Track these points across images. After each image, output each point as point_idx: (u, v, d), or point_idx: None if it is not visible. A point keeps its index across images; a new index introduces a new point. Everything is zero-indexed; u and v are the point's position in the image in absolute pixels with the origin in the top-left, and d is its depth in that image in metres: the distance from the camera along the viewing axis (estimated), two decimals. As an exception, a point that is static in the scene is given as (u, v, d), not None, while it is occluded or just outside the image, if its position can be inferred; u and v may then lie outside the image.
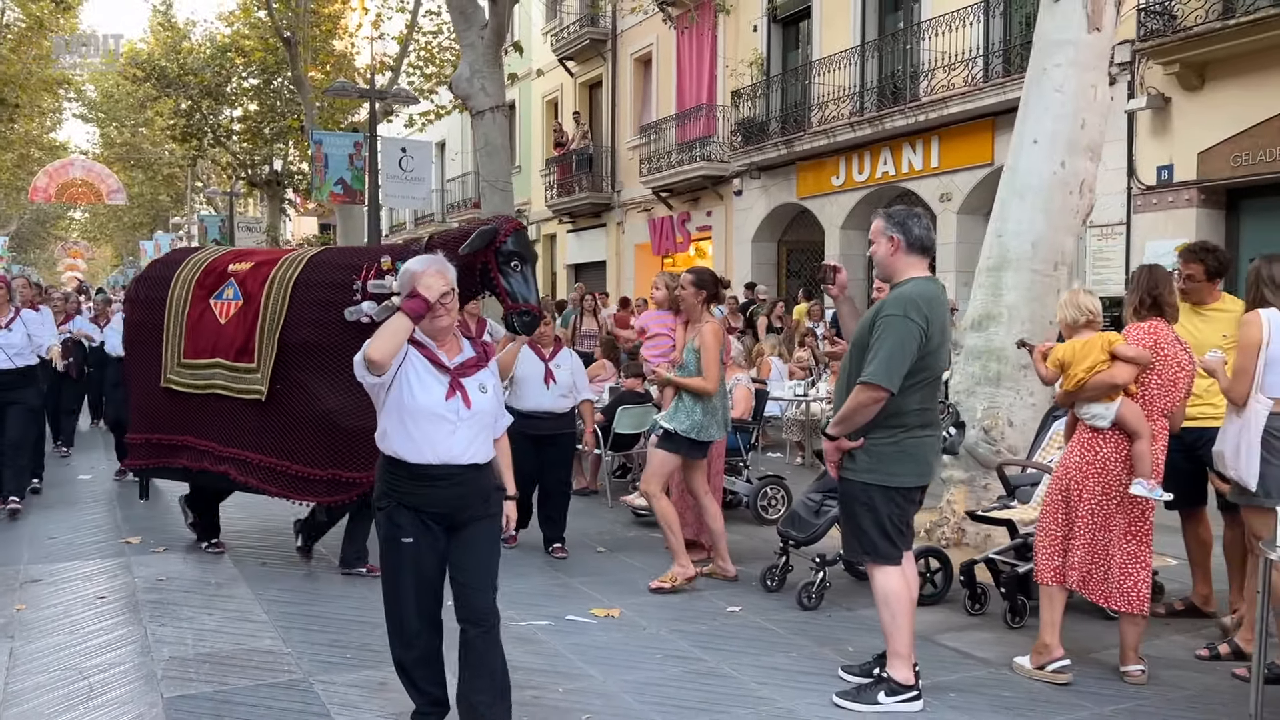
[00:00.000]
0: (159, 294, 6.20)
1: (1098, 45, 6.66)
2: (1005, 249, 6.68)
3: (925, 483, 4.05)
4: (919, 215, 4.02)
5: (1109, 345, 4.26)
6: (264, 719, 3.77)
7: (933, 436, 4.05)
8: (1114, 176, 11.49)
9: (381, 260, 5.43)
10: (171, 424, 6.03)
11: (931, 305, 3.86)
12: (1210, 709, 3.91)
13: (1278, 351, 4.19)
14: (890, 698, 3.89)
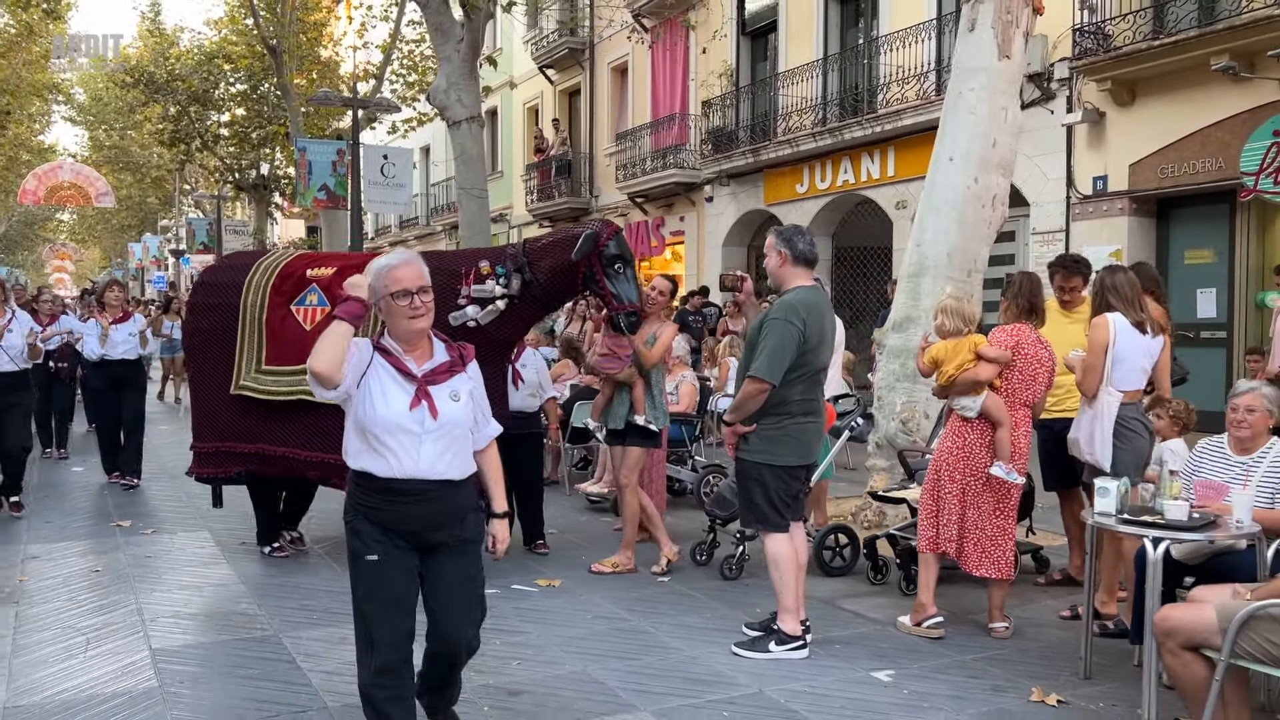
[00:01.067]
0: (229, 300, 6.05)
1: (1008, 71, 7.30)
2: (924, 257, 7.31)
3: (807, 462, 4.68)
4: (804, 233, 4.65)
5: (975, 346, 4.89)
6: (238, 666, 4.37)
7: (814, 423, 4.66)
8: (1054, 186, 12.18)
9: (480, 265, 5.55)
10: (242, 433, 5.88)
11: (810, 310, 4.48)
12: (1054, 658, 4.53)
13: (1123, 350, 4.83)
14: (779, 646, 4.51)
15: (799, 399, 4.52)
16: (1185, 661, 3.34)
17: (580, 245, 5.38)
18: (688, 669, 4.37)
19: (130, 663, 4.38)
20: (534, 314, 5.88)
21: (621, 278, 5.50)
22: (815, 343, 4.48)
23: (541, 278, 5.50)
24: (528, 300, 5.53)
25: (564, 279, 5.55)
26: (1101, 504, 4.07)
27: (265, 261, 6.22)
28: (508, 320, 5.52)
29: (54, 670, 4.30)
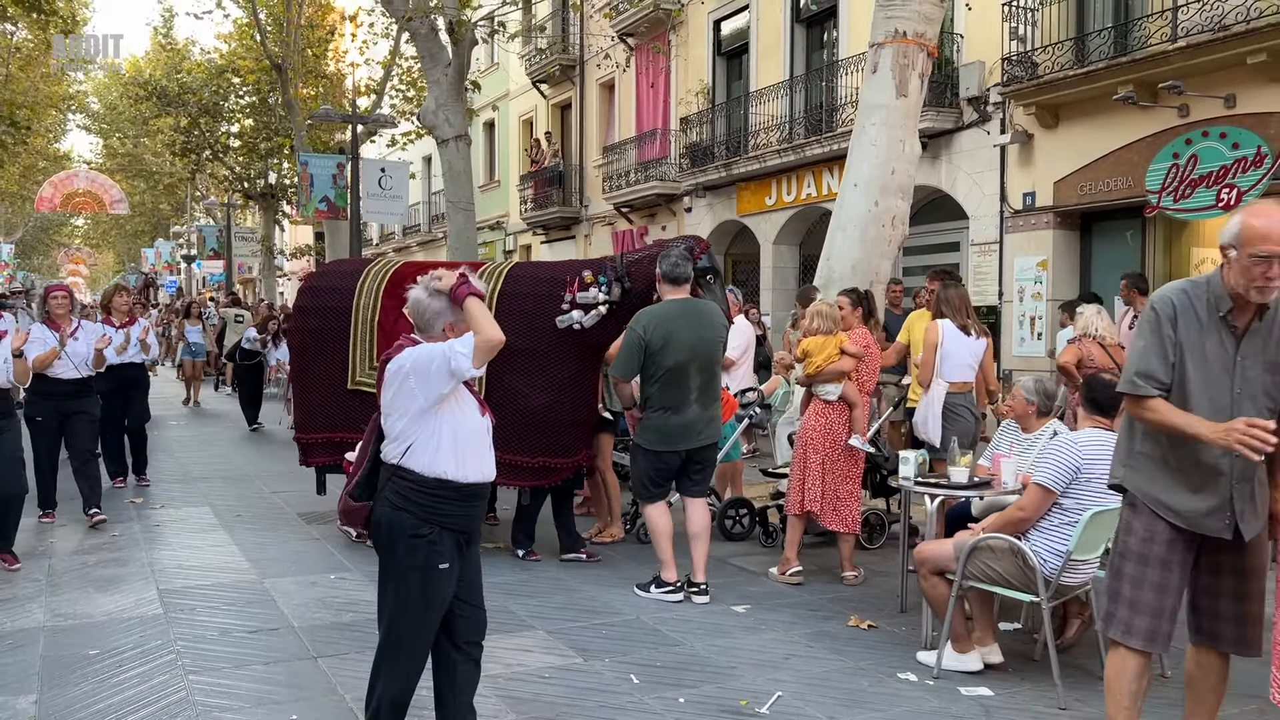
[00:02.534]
0: (339, 303, 6.62)
1: (905, 108, 8.34)
2: (831, 270, 8.35)
3: (669, 449, 5.49)
4: (670, 255, 5.62)
5: (840, 344, 5.97)
6: (226, 602, 5.46)
7: (675, 417, 5.45)
8: (990, 201, 13.22)
9: (584, 274, 6.11)
10: (355, 423, 6.18)
11: (657, 319, 5.43)
12: (886, 598, 5.58)
13: (950, 349, 5.92)
14: (657, 589, 5.54)
15: (658, 396, 5.46)
16: (933, 584, 4.41)
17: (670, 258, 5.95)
18: (585, 604, 5.45)
19: (142, 598, 5.49)
20: (626, 320, 6.33)
21: (712, 288, 6.06)
22: (659, 346, 5.37)
23: (639, 287, 6.02)
24: (625, 307, 6.05)
25: (652, 292, 5.93)
26: (904, 470, 5.15)
27: (374, 268, 6.85)
28: (606, 325, 6.12)
29: (83, 603, 5.40)
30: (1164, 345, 3.16)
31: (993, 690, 4.22)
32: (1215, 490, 3.14)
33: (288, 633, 4.95)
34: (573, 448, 6.20)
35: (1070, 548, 4.04)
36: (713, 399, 5.67)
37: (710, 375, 5.65)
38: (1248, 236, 3.02)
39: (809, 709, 4.03)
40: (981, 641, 4.48)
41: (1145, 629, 3.23)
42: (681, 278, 5.60)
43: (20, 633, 4.91)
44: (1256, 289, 3.02)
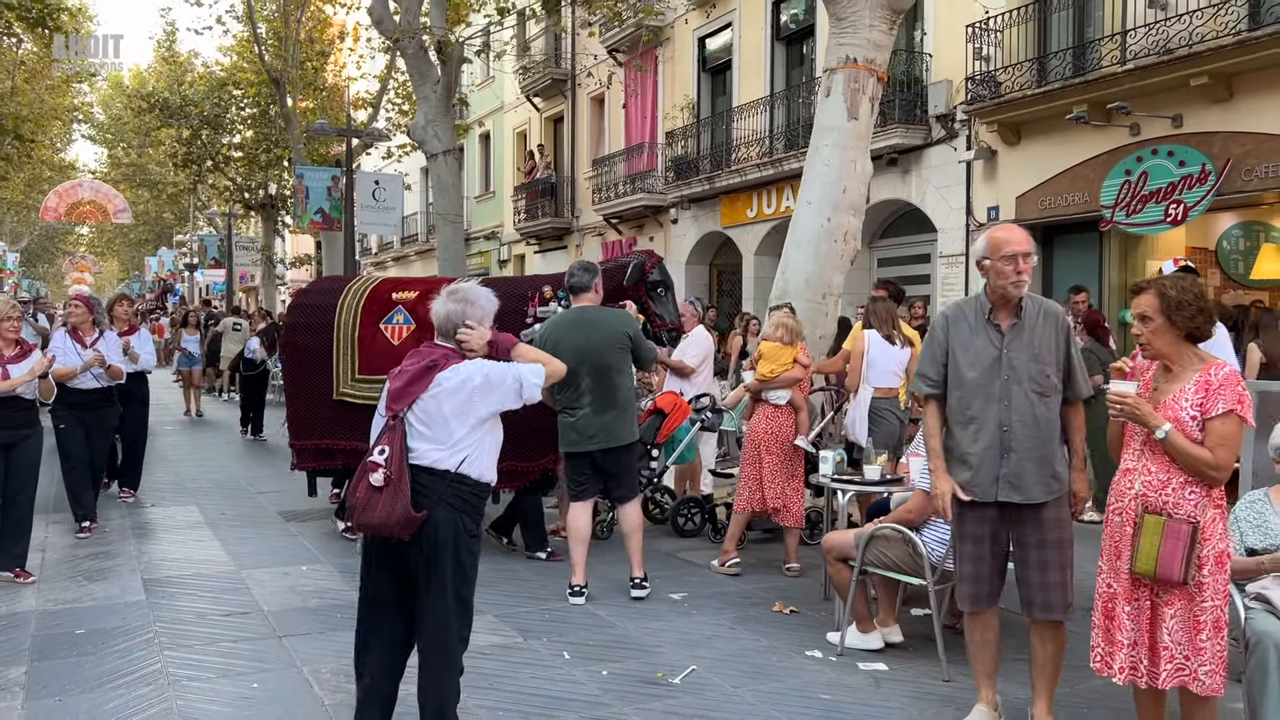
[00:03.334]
0: (323, 319, 7.09)
1: (856, 130, 8.81)
2: (786, 283, 8.81)
3: (570, 450, 5.77)
4: (575, 269, 5.99)
5: (794, 354, 6.42)
6: (206, 590, 5.93)
7: (567, 417, 5.75)
8: (957, 215, 13.69)
9: (544, 289, 6.60)
10: (345, 431, 6.79)
11: (550, 326, 5.83)
12: (814, 587, 6.03)
13: (875, 357, 6.41)
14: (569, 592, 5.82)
15: (560, 399, 5.75)
16: (838, 569, 4.87)
17: (630, 273, 6.52)
18: (535, 593, 5.91)
19: (128, 586, 5.96)
20: None
21: (663, 300, 6.57)
22: (550, 350, 5.42)
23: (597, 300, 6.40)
24: None
25: (613, 301, 6.39)
26: (823, 468, 5.61)
27: (354, 286, 7.33)
28: None
29: (73, 590, 5.87)
30: (935, 351, 3.90)
31: (888, 665, 4.67)
32: (991, 465, 3.75)
33: (257, 615, 5.42)
34: (538, 452, 6.61)
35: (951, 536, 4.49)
36: (609, 404, 5.72)
37: (603, 380, 5.72)
38: (995, 246, 3.77)
39: (716, 680, 4.49)
40: (884, 623, 4.94)
41: (968, 594, 3.86)
42: (578, 287, 5.89)
43: (13, 615, 5.37)
44: (1012, 285, 3.72)
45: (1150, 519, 3.20)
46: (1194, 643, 3.21)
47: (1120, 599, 3.32)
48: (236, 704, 4.18)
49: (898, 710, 4.19)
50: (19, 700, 4.19)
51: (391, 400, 3.37)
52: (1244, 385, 3.23)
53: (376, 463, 3.29)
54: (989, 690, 3.95)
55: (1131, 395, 3.25)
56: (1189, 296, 3.23)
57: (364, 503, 3.26)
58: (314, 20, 26.14)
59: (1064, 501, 3.76)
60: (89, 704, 4.15)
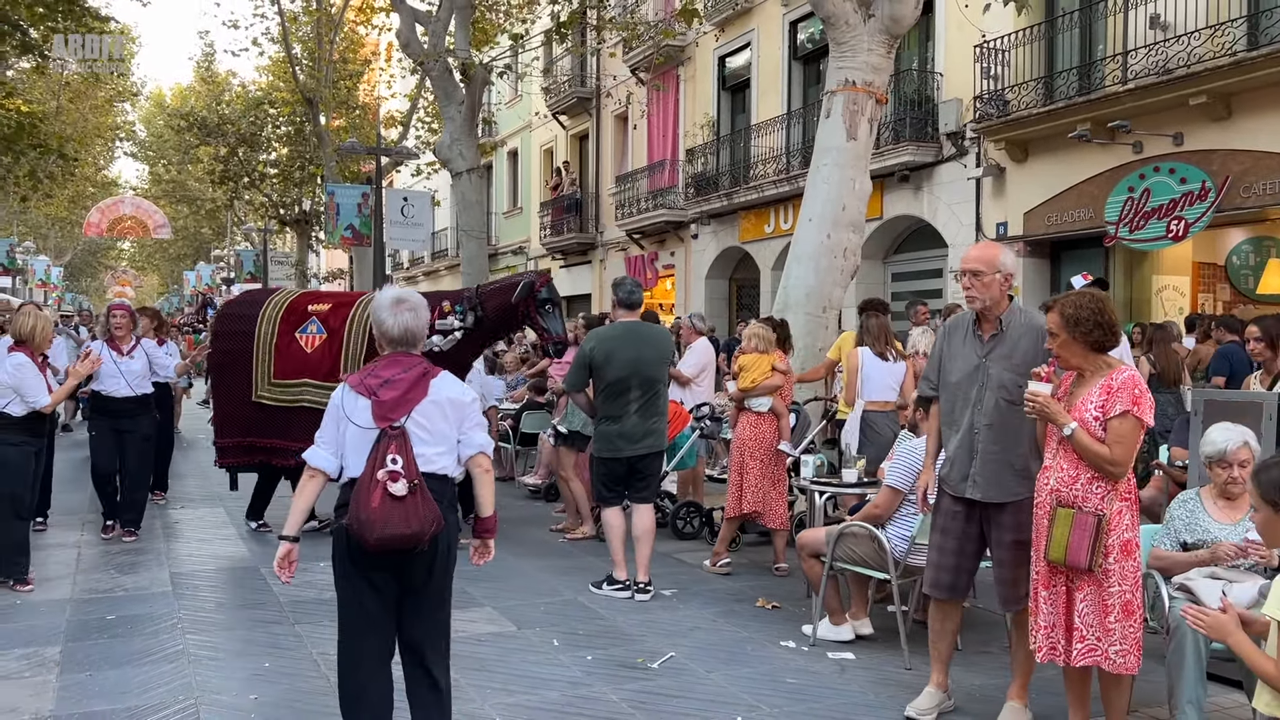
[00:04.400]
0: (245, 328, 7.63)
1: (855, 150, 9.13)
2: (788, 297, 9.15)
3: (612, 455, 6.12)
4: (626, 283, 6.44)
5: (772, 363, 6.76)
6: (227, 583, 6.35)
7: (614, 425, 6.10)
8: (967, 230, 13.94)
9: (443, 304, 7.08)
10: (262, 430, 7.46)
11: (602, 339, 6.17)
12: (799, 585, 6.33)
13: (869, 373, 6.72)
14: (609, 587, 6.21)
15: (602, 407, 6.17)
16: (811, 564, 5.19)
17: (519, 291, 7.11)
18: (535, 588, 6.27)
19: (156, 578, 6.40)
20: (484, 342, 7.70)
21: (551, 316, 7.06)
22: (602, 361, 6.06)
23: (490, 315, 7.16)
24: (479, 332, 7.30)
25: (507, 316, 7.25)
26: (804, 472, 5.93)
27: (276, 298, 7.92)
28: (464, 347, 7.29)
29: (105, 582, 6.31)
30: (934, 358, 4.24)
31: (855, 655, 4.98)
32: (962, 464, 4.08)
33: (274, 606, 5.82)
34: None
35: (913, 533, 4.81)
36: (653, 413, 6.16)
37: (650, 391, 6.15)
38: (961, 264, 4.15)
39: (692, 665, 4.82)
40: (856, 616, 5.25)
41: (931, 578, 4.23)
42: (633, 303, 6.34)
43: (50, 602, 5.81)
44: (966, 299, 4.04)
45: (1061, 511, 3.51)
46: (1104, 624, 3.51)
47: (1039, 584, 3.64)
48: (248, 679, 4.57)
49: (858, 693, 4.50)
50: (54, 675, 4.61)
51: (388, 410, 3.31)
52: (1141, 388, 3.53)
53: (396, 472, 3.22)
54: (940, 674, 4.26)
55: (1043, 395, 3.56)
56: (1085, 313, 3.54)
57: (383, 515, 3.18)
58: (347, 41, 26.83)
59: (1025, 507, 3.90)
60: (116, 678, 4.55)
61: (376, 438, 3.27)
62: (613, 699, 4.39)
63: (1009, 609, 4.14)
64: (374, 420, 3.30)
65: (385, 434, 3.28)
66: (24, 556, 6.16)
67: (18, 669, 4.67)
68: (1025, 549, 4.01)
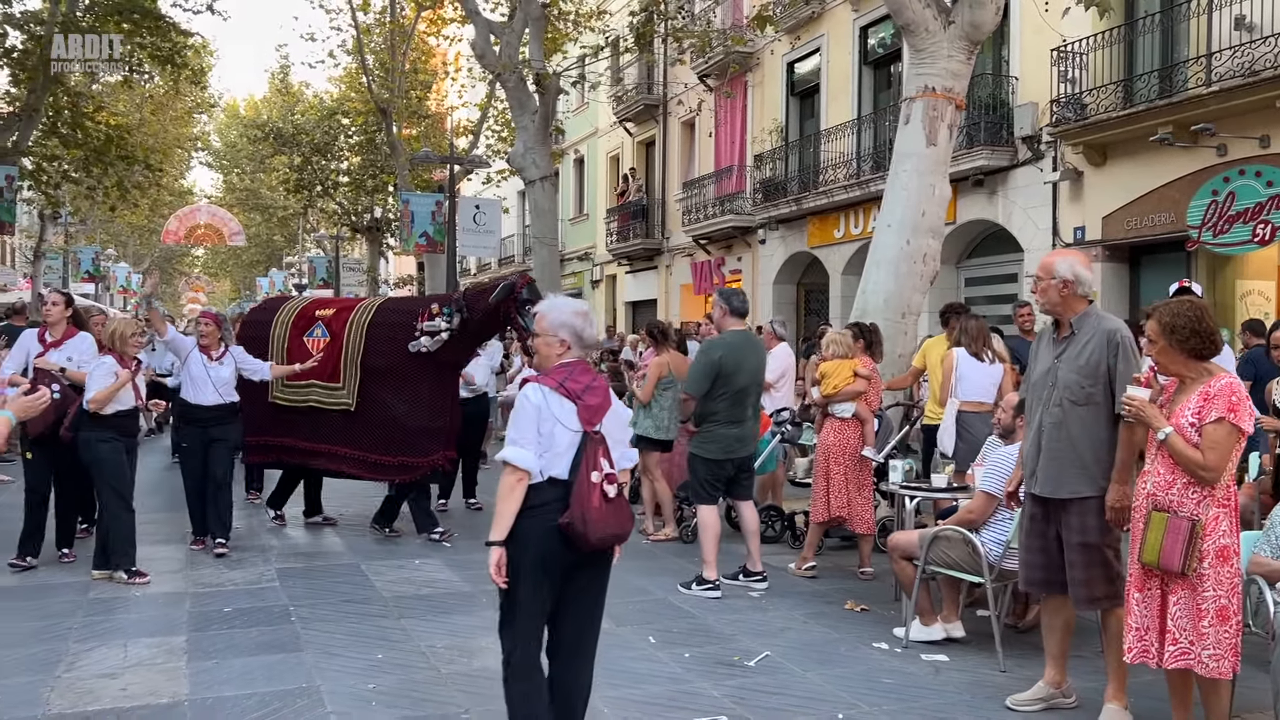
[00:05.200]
0: (262, 334, 8.15)
1: (935, 156, 9.16)
2: (866, 302, 9.20)
3: (727, 458, 6.39)
4: (739, 294, 6.64)
5: (853, 368, 6.85)
6: (331, 578, 6.60)
7: (736, 430, 6.39)
8: (1043, 235, 13.82)
9: (432, 307, 7.53)
10: (277, 429, 8.00)
11: (727, 347, 6.38)
12: (885, 589, 6.41)
13: (964, 373, 6.77)
14: (699, 587, 6.38)
15: (723, 411, 6.36)
16: (903, 567, 5.27)
17: (497, 292, 7.35)
18: (624, 587, 6.38)
19: (263, 573, 6.71)
20: (471, 343, 7.93)
21: (531, 317, 7.27)
22: (731, 370, 6.31)
23: (475, 316, 7.41)
24: (465, 333, 7.59)
25: (492, 317, 7.42)
26: (892, 476, 6.02)
27: (290, 304, 8.52)
28: (451, 348, 7.53)
29: (216, 577, 6.62)
30: (1030, 361, 4.42)
31: (949, 657, 5.05)
32: (1031, 461, 4.31)
33: (377, 601, 6.06)
34: (428, 449, 7.47)
35: (1009, 538, 4.87)
36: (757, 416, 6.69)
37: (759, 396, 6.68)
38: None
39: (788, 664, 4.94)
40: (947, 619, 5.32)
41: (1024, 576, 4.41)
42: (744, 312, 6.65)
43: (167, 595, 6.12)
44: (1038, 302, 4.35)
45: (1156, 515, 3.59)
46: (1197, 628, 3.56)
47: (1133, 586, 3.71)
48: (364, 670, 4.79)
49: (955, 694, 4.58)
50: (183, 662, 4.88)
51: (592, 415, 3.36)
52: (1240, 395, 3.58)
53: (612, 475, 3.36)
54: (1054, 670, 4.38)
55: (1139, 399, 3.63)
56: (1183, 320, 3.61)
57: (602, 515, 3.28)
58: (418, 51, 27.37)
59: (1090, 508, 4.07)
60: (241, 666, 4.81)
61: (581, 441, 3.33)
62: (714, 694, 4.53)
63: (1081, 609, 4.29)
64: (581, 424, 3.34)
65: (591, 438, 3.34)
66: (133, 548, 6.50)
67: (150, 656, 4.96)
68: (1092, 551, 4.13)
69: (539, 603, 3.37)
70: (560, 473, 3.31)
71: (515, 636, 3.39)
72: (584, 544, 3.28)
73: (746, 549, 6.56)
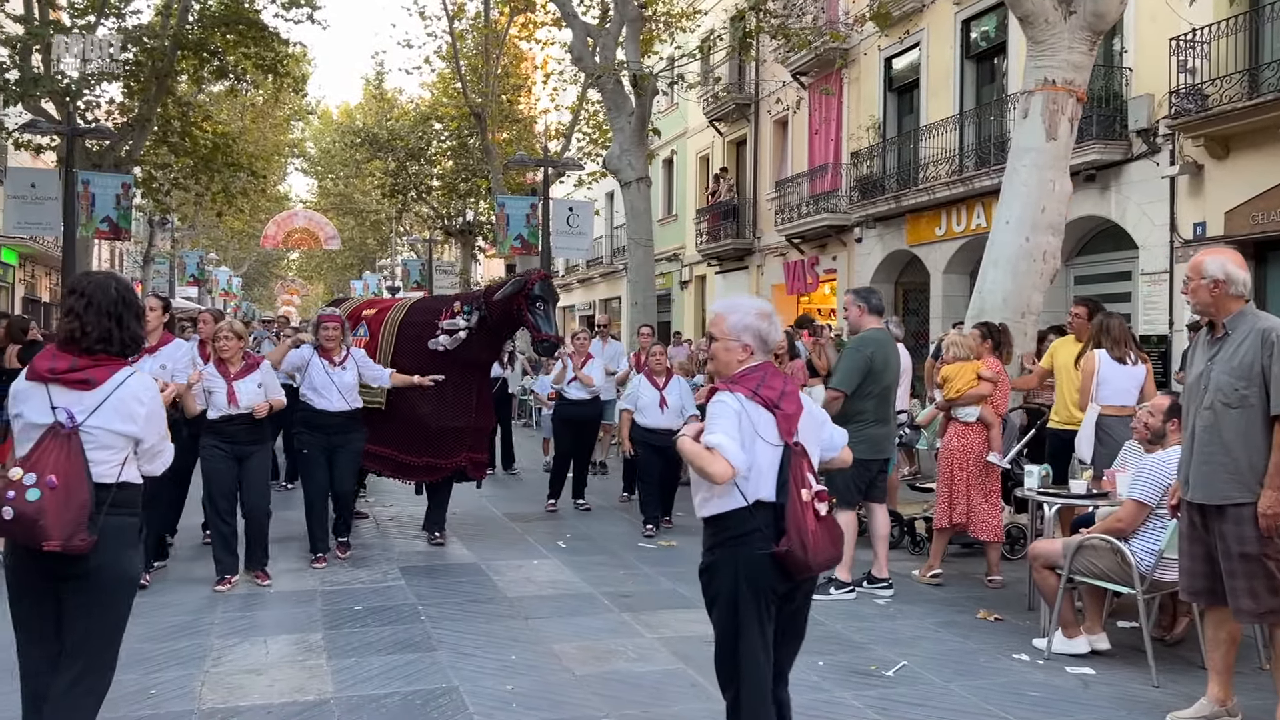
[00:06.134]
0: None
1: (1055, 150, 8.88)
2: (983, 302, 8.96)
3: (876, 458, 6.29)
4: (875, 291, 6.55)
5: (976, 370, 6.67)
6: (454, 578, 6.67)
7: (884, 429, 6.33)
8: (1160, 231, 13.32)
9: (454, 304, 7.47)
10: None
11: (876, 344, 6.29)
12: (1016, 598, 6.22)
13: (1106, 376, 6.53)
14: (837, 590, 6.26)
15: (871, 409, 6.26)
16: (1045, 576, 5.10)
17: (505, 287, 7.29)
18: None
19: (387, 572, 6.82)
20: (492, 341, 7.70)
21: (541, 314, 7.11)
22: (880, 368, 6.23)
23: (494, 314, 7.31)
24: (484, 331, 7.39)
25: (507, 315, 7.30)
26: (1028, 482, 5.83)
27: (346, 304, 8.68)
28: (471, 346, 7.41)
29: (343, 575, 6.75)
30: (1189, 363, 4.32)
31: (1095, 670, 4.87)
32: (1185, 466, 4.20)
33: (502, 601, 6.11)
34: (453, 450, 7.36)
35: (1161, 547, 4.67)
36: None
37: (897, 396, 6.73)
38: None
39: (927, 675, 4.81)
40: (1091, 630, 5.12)
41: (1184, 585, 4.26)
42: (884, 309, 6.65)
43: (299, 593, 6.26)
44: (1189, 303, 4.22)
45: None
46: None
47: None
48: (500, 671, 4.81)
49: (1106, 709, 4.41)
50: (324, 659, 4.97)
51: (791, 425, 3.08)
52: None
53: (823, 491, 3.07)
54: (1217, 687, 4.19)
55: None
56: None
57: (819, 537, 3.01)
58: (510, 56, 27.67)
59: (1245, 515, 3.92)
60: (380, 664, 4.88)
61: (784, 457, 3.03)
62: (855, 705, 4.43)
63: (1241, 620, 4.11)
64: (780, 436, 3.05)
65: (793, 451, 3.04)
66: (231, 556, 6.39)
67: (292, 653, 5.06)
68: (1252, 562, 3.94)
69: (763, 638, 3.08)
70: (767, 494, 3.01)
71: (741, 680, 3.08)
72: (804, 570, 3.01)
73: (873, 554, 6.44)
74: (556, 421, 9.64)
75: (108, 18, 18.72)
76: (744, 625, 3.04)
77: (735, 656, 3.07)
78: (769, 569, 3.00)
